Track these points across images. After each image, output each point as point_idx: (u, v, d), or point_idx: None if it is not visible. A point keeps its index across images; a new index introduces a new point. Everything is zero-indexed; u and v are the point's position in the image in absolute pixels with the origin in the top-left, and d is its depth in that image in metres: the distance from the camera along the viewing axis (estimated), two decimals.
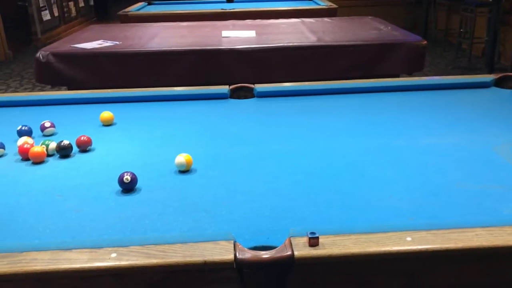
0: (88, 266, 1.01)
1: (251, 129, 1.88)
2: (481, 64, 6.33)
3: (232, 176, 1.48)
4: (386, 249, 1.04)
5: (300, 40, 3.43)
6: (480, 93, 2.24)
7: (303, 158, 1.60)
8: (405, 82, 2.42)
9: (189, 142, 1.77)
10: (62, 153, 1.66)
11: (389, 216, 1.23)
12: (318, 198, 1.33)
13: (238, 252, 1.03)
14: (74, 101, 2.24)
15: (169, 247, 1.05)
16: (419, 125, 1.87)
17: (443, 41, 7.30)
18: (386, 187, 1.38)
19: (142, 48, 3.31)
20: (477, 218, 1.19)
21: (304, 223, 1.21)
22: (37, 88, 5.66)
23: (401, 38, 3.38)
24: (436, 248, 1.04)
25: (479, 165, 1.51)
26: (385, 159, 1.58)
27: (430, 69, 6.08)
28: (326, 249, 1.03)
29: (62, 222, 1.24)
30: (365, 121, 1.93)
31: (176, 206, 1.30)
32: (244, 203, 1.32)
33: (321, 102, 2.18)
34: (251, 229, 1.19)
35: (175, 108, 2.15)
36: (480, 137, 1.73)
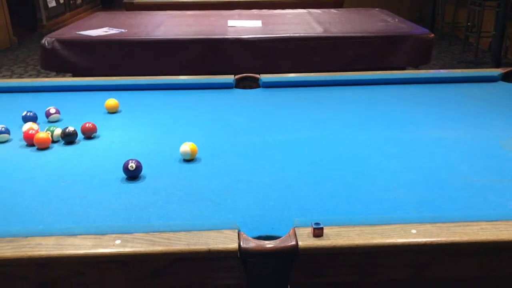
0: (92, 252, 1.01)
1: (256, 119, 1.88)
2: (487, 58, 6.28)
3: (236, 166, 1.48)
4: (391, 241, 1.03)
5: (306, 31, 3.41)
6: (488, 87, 2.22)
7: (308, 149, 1.60)
8: (412, 75, 2.40)
9: (194, 131, 1.76)
10: (67, 140, 1.66)
11: (394, 209, 1.23)
12: (322, 189, 1.33)
13: (242, 241, 1.03)
14: (79, 88, 2.24)
15: (173, 234, 1.05)
16: (425, 118, 1.86)
17: (449, 35, 7.24)
18: (391, 180, 1.38)
19: (147, 37, 3.30)
20: (483, 212, 1.19)
21: (308, 214, 1.21)
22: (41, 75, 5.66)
23: (408, 30, 3.36)
24: (440, 241, 1.03)
25: (485, 159, 1.50)
26: (391, 152, 1.57)
27: (436, 63, 6.04)
28: (330, 240, 1.03)
29: (67, 208, 1.24)
30: (371, 113, 1.92)
31: (181, 195, 1.30)
32: (248, 192, 1.31)
33: (326, 94, 2.17)
34: (255, 218, 1.19)
35: (180, 96, 2.15)
36: (486, 131, 1.72)
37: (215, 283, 1.06)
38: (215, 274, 1.05)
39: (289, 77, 2.32)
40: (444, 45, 7.10)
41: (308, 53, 3.19)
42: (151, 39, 3.26)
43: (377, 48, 3.21)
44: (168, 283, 1.05)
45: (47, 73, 5.45)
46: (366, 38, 3.24)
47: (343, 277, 1.07)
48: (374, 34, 3.28)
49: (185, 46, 3.23)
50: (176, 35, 3.34)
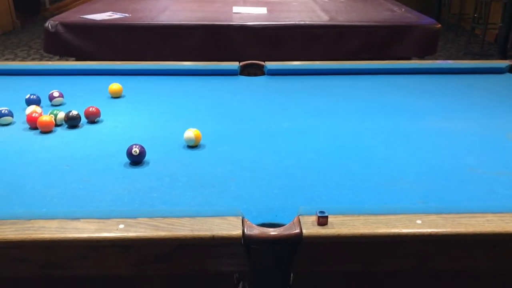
0: (96, 236, 1.01)
1: (261, 107, 1.86)
2: (493, 50, 6.23)
3: (241, 153, 1.47)
4: (396, 231, 1.03)
5: (311, 19, 3.38)
6: (495, 78, 2.20)
7: (313, 138, 1.59)
8: (418, 65, 2.38)
9: (198, 117, 1.75)
10: (71, 124, 1.65)
11: (399, 199, 1.22)
12: (327, 178, 1.32)
13: (246, 228, 1.02)
14: (83, 72, 2.22)
15: (177, 220, 1.05)
16: (432, 108, 1.85)
17: (456, 26, 7.18)
18: (397, 170, 1.37)
19: (152, 21, 3.27)
20: (488, 204, 1.18)
21: (312, 202, 1.20)
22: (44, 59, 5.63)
23: (415, 20, 3.32)
24: (446, 232, 1.03)
25: (492, 151, 1.49)
26: (396, 141, 1.56)
27: (442, 54, 5.99)
28: (335, 229, 1.02)
29: (70, 192, 1.24)
30: (377, 102, 1.91)
31: (185, 181, 1.30)
32: (252, 180, 1.31)
33: (331, 82, 2.16)
34: (259, 206, 1.18)
35: (184, 82, 2.13)
36: (493, 123, 1.70)
37: (218, 269, 1.06)
38: (218, 260, 1.04)
39: (294, 65, 2.30)
40: (450, 36, 7.05)
41: (313, 41, 3.17)
42: (155, 24, 3.23)
43: (383, 38, 3.18)
44: (171, 268, 1.05)
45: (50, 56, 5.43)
46: (372, 27, 3.20)
47: (347, 266, 1.07)
48: (380, 24, 3.24)
49: (190, 31, 3.20)
50: (180, 21, 3.31)
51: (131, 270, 1.05)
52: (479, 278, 1.12)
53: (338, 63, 2.34)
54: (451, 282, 1.14)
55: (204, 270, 1.06)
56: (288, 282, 1.07)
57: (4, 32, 7.09)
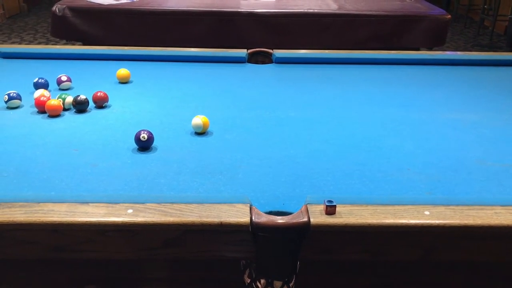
0: (104, 220, 1.01)
1: (269, 95, 1.86)
2: (502, 42, 6.17)
3: (248, 141, 1.47)
4: (403, 222, 1.03)
5: (320, 7, 3.35)
6: (504, 71, 2.18)
7: (321, 127, 1.58)
8: (427, 55, 2.36)
9: (206, 104, 1.75)
10: (79, 108, 1.65)
11: (407, 189, 1.22)
12: (335, 167, 1.32)
13: (254, 216, 1.03)
14: (90, 56, 2.22)
15: (185, 206, 1.05)
16: (440, 99, 1.84)
17: (464, 17, 7.11)
18: (405, 160, 1.36)
19: (160, 7, 3.25)
20: (497, 196, 1.18)
21: (320, 191, 1.20)
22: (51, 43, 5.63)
23: (425, 10, 3.29)
24: (454, 224, 1.02)
25: (501, 143, 1.48)
26: (404, 132, 1.55)
27: (450, 45, 5.95)
28: (343, 218, 1.02)
29: (78, 176, 1.24)
30: (385, 92, 1.90)
31: (193, 167, 1.30)
32: (260, 168, 1.31)
33: (340, 71, 2.14)
34: (267, 194, 1.19)
35: (192, 69, 2.13)
36: (503, 115, 1.69)
37: (225, 255, 1.06)
38: (225, 246, 1.05)
39: (302, 54, 2.29)
40: (458, 27, 6.98)
41: (322, 30, 3.15)
42: (163, 9, 3.21)
43: (392, 28, 3.16)
44: (178, 253, 1.05)
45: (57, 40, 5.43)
46: (381, 17, 3.18)
47: (354, 255, 1.07)
48: (390, 13, 3.22)
49: (198, 18, 3.18)
50: (188, 7, 3.29)
51: (139, 254, 1.06)
52: (486, 270, 1.12)
53: (346, 53, 2.33)
54: (457, 274, 1.14)
55: (211, 256, 1.06)
56: (294, 270, 1.07)
57: (11, 15, 7.08)
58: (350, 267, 1.13)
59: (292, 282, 1.07)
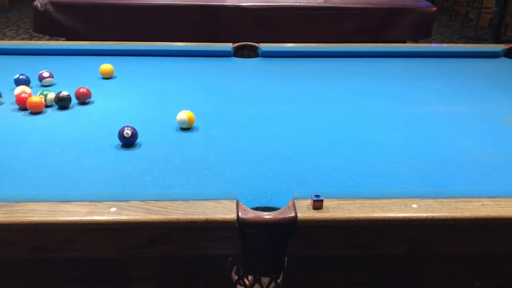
0: (87, 219, 0.99)
1: (255, 89, 1.84)
2: (487, 35, 6.21)
3: (235, 136, 1.45)
4: (391, 215, 1.02)
5: (307, 0, 3.33)
6: (490, 63, 2.19)
7: (308, 121, 1.57)
8: (414, 48, 2.36)
9: (191, 99, 1.72)
10: (61, 104, 1.61)
11: (394, 183, 1.21)
12: (322, 162, 1.31)
13: (240, 212, 1.01)
14: (73, 52, 2.18)
15: (170, 203, 1.03)
16: (427, 92, 1.83)
17: (450, 10, 7.15)
18: (392, 153, 1.36)
19: (144, 1, 3.21)
20: (484, 188, 1.17)
21: (307, 186, 1.19)
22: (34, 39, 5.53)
23: (410, 3, 3.29)
24: (442, 217, 1.02)
25: (488, 135, 1.48)
26: (391, 125, 1.54)
27: (436, 38, 5.97)
28: (330, 213, 1.01)
29: (61, 174, 1.21)
30: (372, 85, 1.89)
31: (178, 164, 1.27)
32: (247, 163, 1.29)
33: (326, 65, 2.13)
34: (254, 189, 1.17)
35: (177, 64, 2.10)
36: (489, 107, 1.69)
37: (212, 252, 1.04)
38: (212, 244, 1.03)
39: (289, 47, 2.27)
40: (444, 20, 7.02)
41: (309, 23, 3.13)
42: (148, 3, 3.17)
43: (379, 20, 3.16)
44: (164, 252, 1.03)
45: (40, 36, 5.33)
46: (367, 10, 3.17)
47: (342, 250, 1.06)
48: (376, 6, 3.21)
49: (183, 12, 3.15)
50: (174, 1, 3.25)
51: (123, 253, 1.03)
52: (473, 262, 1.12)
53: (333, 46, 2.32)
54: (445, 266, 1.13)
55: (198, 253, 1.04)
56: (282, 265, 1.06)
57: None
58: (339, 262, 1.12)
59: (279, 278, 1.06)
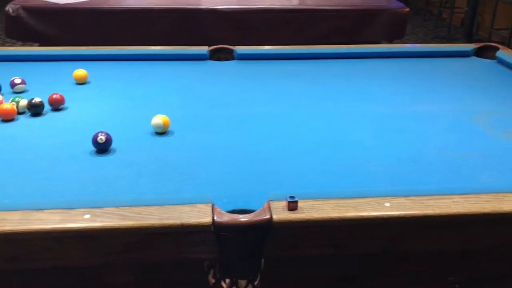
0: (60, 227, 0.98)
1: (231, 92, 1.84)
2: (460, 34, 6.33)
3: (211, 139, 1.45)
4: (365, 214, 1.03)
5: (282, 2, 3.35)
6: (461, 62, 2.23)
7: (284, 123, 1.58)
8: (387, 49, 2.40)
9: (166, 103, 1.72)
10: (34, 111, 1.59)
11: (368, 182, 1.23)
12: (298, 163, 1.32)
13: (216, 215, 1.01)
14: (46, 57, 2.14)
15: (145, 209, 1.02)
16: (401, 92, 1.86)
17: (423, 10, 7.27)
18: (365, 153, 1.37)
19: (119, 5, 3.18)
20: (455, 185, 1.20)
21: (283, 187, 1.20)
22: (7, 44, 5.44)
23: (384, 4, 3.34)
24: (414, 214, 1.04)
25: (458, 133, 1.51)
26: (365, 125, 1.57)
27: (410, 38, 6.06)
28: (305, 213, 1.02)
29: (34, 182, 1.20)
30: (347, 86, 1.91)
31: (153, 168, 1.27)
32: (223, 166, 1.29)
33: (302, 67, 2.15)
34: (229, 192, 1.17)
35: (152, 68, 2.09)
36: (460, 105, 1.73)
37: (189, 257, 1.04)
38: (188, 248, 1.03)
39: (264, 50, 2.28)
40: (418, 20, 7.13)
41: (284, 25, 3.15)
42: (122, 7, 3.15)
43: (353, 22, 3.19)
44: (140, 257, 1.03)
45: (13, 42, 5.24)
46: (341, 11, 3.21)
47: (317, 250, 1.07)
48: (350, 7, 3.25)
49: (158, 15, 3.13)
50: (148, 4, 3.23)
51: (99, 260, 1.03)
52: (445, 259, 1.14)
53: (308, 48, 2.33)
54: (420, 263, 1.15)
55: (174, 258, 1.04)
56: (259, 268, 1.06)
57: None
58: (315, 262, 1.13)
59: (257, 280, 1.07)
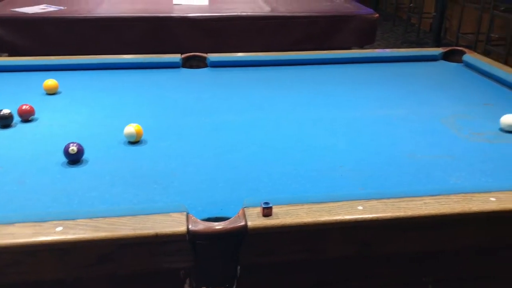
0: (32, 240, 0.96)
1: (204, 100, 1.84)
2: (428, 39, 6.49)
3: (184, 147, 1.45)
4: (338, 218, 1.05)
5: (253, 10, 3.38)
6: (429, 66, 2.29)
7: (257, 129, 1.59)
8: (357, 54, 2.44)
9: (139, 112, 1.71)
10: (3, 123, 1.56)
11: (341, 186, 1.25)
12: (272, 169, 1.33)
13: (190, 224, 1.01)
14: (15, 68, 2.11)
15: (118, 219, 1.01)
16: (371, 96, 1.89)
17: (393, 16, 7.42)
18: (338, 158, 1.39)
19: (89, 14, 3.15)
20: (426, 187, 1.22)
21: (258, 193, 1.20)
22: None
23: (354, 10, 3.39)
24: (386, 217, 1.06)
25: (428, 136, 1.55)
26: (338, 130, 1.59)
27: (380, 43, 6.17)
28: (279, 219, 1.03)
29: (4, 195, 1.17)
30: (318, 92, 1.93)
31: (126, 178, 1.26)
32: (197, 174, 1.29)
33: (274, 73, 2.16)
34: (204, 200, 1.17)
35: (124, 77, 2.07)
36: (429, 109, 1.77)
37: (164, 267, 1.03)
38: (163, 258, 1.02)
39: (237, 57, 2.29)
40: (388, 25, 7.27)
41: (256, 32, 3.17)
42: (92, 16, 3.12)
43: (324, 28, 3.23)
44: (115, 269, 1.01)
45: None
46: (312, 18, 3.25)
47: (293, 255, 1.08)
48: (320, 14, 3.29)
49: (129, 24, 3.11)
50: (119, 13, 3.21)
51: (73, 273, 1.01)
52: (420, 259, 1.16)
53: (280, 54, 2.36)
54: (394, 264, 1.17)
55: (150, 268, 1.03)
56: (235, 275, 1.06)
57: None
58: (291, 267, 1.14)
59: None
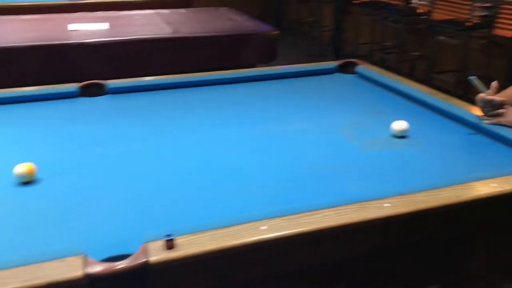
0: None
1: (104, 129, 1.77)
2: (329, 51, 6.79)
3: (83, 183, 1.38)
4: (242, 241, 1.04)
5: (155, 32, 3.34)
6: (326, 79, 2.39)
7: (161, 156, 1.55)
8: (260, 72, 2.48)
9: (33, 148, 1.61)
10: None
11: (247, 206, 1.24)
12: (176, 197, 1.30)
13: (88, 267, 0.95)
14: None
15: (6, 272, 0.93)
16: (274, 112, 1.93)
17: (296, 30, 7.70)
18: (244, 177, 1.40)
19: None
20: (327, 199, 1.24)
21: (162, 225, 1.15)
22: None
23: (254, 28, 3.47)
24: (289, 234, 1.07)
25: (328, 147, 1.61)
26: (243, 149, 1.60)
27: (285, 58, 6.32)
28: (182, 250, 1.00)
29: None
30: (223, 112, 1.94)
31: (17, 223, 1.17)
32: (95, 211, 1.23)
33: (178, 96, 2.14)
34: (105, 238, 1.12)
35: (16, 111, 1.94)
36: (327, 121, 1.84)
37: None
38: None
39: (137, 82, 2.24)
40: (291, 40, 7.51)
41: (158, 55, 3.12)
42: None
43: (227, 47, 3.26)
44: None
45: None
46: (215, 38, 3.27)
47: (201, 284, 1.06)
48: (222, 33, 3.32)
49: (22, 54, 2.93)
50: (10, 43, 3.01)
51: None
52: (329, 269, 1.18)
53: (183, 76, 2.34)
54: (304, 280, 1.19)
55: None
56: None
57: None
58: None
59: None
